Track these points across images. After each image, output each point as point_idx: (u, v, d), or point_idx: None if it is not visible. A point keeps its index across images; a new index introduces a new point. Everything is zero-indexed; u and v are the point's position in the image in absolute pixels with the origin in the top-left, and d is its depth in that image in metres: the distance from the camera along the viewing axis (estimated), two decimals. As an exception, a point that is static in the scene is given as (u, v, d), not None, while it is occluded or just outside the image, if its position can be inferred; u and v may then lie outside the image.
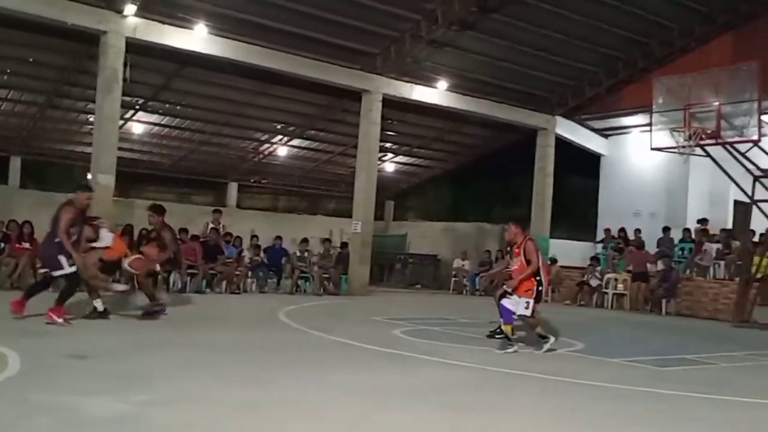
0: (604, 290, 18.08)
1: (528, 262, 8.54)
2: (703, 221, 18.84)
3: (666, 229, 18.95)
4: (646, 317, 15.79)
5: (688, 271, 17.64)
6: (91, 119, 17.14)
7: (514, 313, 8.51)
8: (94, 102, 15.35)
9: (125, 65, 14.35)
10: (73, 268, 8.33)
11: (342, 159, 24.63)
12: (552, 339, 8.64)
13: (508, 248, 9.80)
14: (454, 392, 6.01)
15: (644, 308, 17.04)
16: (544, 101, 21.01)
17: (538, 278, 8.54)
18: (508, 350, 8.39)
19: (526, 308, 8.46)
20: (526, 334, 9.14)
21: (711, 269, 17.41)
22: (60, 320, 8.25)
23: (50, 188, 21.78)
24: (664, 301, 16.83)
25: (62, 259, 8.27)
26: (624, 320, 14.78)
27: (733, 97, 14.72)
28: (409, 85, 18.39)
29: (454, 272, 21.28)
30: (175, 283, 15.08)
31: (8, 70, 17.52)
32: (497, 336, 9.33)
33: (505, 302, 8.55)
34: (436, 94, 18.97)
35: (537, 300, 8.61)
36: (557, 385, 6.64)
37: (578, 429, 4.97)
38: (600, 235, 21.53)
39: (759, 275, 15.01)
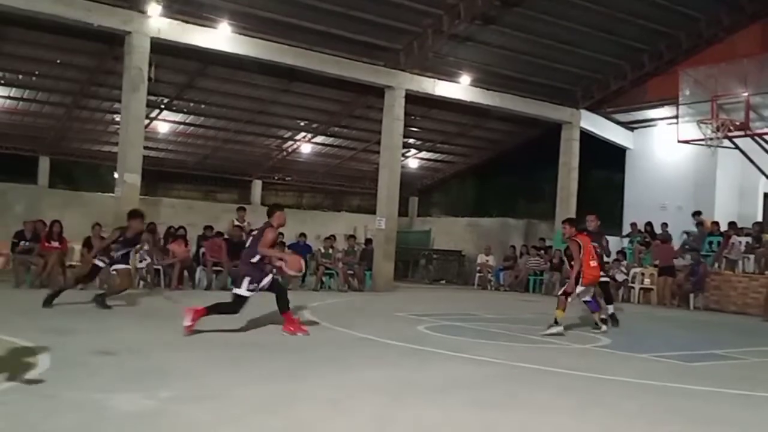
0: (630, 285, 17.91)
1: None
2: (697, 214, 18.58)
3: (699, 224, 18.72)
4: (673, 312, 15.62)
5: (716, 265, 17.41)
6: (118, 119, 17.34)
7: (595, 301, 10.03)
8: (120, 102, 15.52)
9: (150, 65, 14.49)
10: (249, 294, 8.23)
11: (365, 155, 24.67)
12: (561, 328, 9.43)
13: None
14: (480, 388, 5.98)
15: (671, 303, 16.86)
16: (569, 95, 20.84)
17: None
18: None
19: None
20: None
21: (740, 263, 17.16)
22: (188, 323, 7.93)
23: (78, 188, 22.16)
24: (691, 295, 16.63)
25: (245, 281, 8.22)
26: (651, 315, 14.63)
27: (761, 87, 14.52)
28: (431, 80, 18.34)
29: (478, 268, 21.22)
30: (201, 280, 15.23)
31: (36, 72, 17.80)
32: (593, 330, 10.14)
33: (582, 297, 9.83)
34: (459, 89, 18.90)
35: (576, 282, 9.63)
36: (584, 381, 6.58)
37: (606, 425, 4.92)
38: (626, 229, 21.31)
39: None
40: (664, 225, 18.98)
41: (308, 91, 20.00)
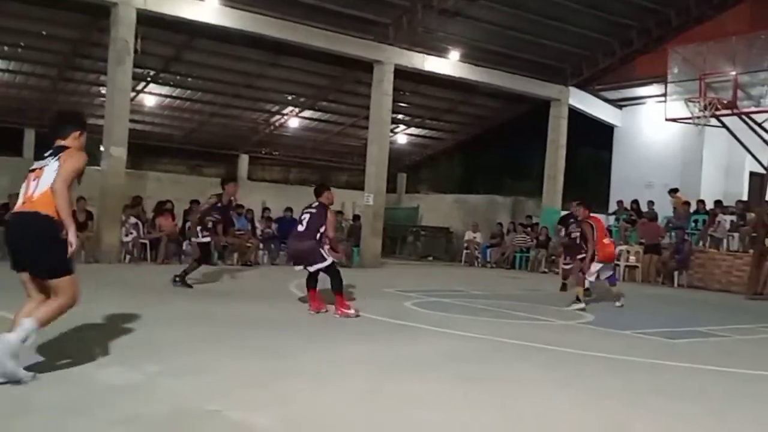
0: (616, 262, 18.02)
1: (586, 241, 10.59)
2: (673, 191, 18.76)
3: (685, 203, 18.84)
4: (658, 289, 15.76)
5: (701, 243, 17.55)
6: (103, 91, 17.17)
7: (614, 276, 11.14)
8: (105, 74, 15.36)
9: (136, 37, 14.32)
10: (331, 259, 8.48)
11: (354, 131, 24.57)
12: (582, 305, 10.16)
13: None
14: (465, 363, 6.04)
15: (656, 280, 17.00)
16: (557, 72, 20.80)
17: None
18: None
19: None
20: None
21: (725, 241, 17.31)
22: (352, 311, 8.27)
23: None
24: (676, 273, 16.78)
25: (323, 251, 8.43)
26: (636, 292, 14.72)
27: (750, 66, 14.49)
28: (421, 55, 18.25)
29: (465, 244, 21.31)
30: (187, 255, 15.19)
31: (21, 44, 17.54)
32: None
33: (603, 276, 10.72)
34: (448, 64, 18.83)
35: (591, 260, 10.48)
36: (567, 356, 6.66)
37: (588, 401, 4.99)
38: (612, 207, 21.42)
39: (773, 247, 14.94)
40: (651, 203, 19.10)
41: (296, 64, 19.84)
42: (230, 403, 4.35)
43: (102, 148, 14.77)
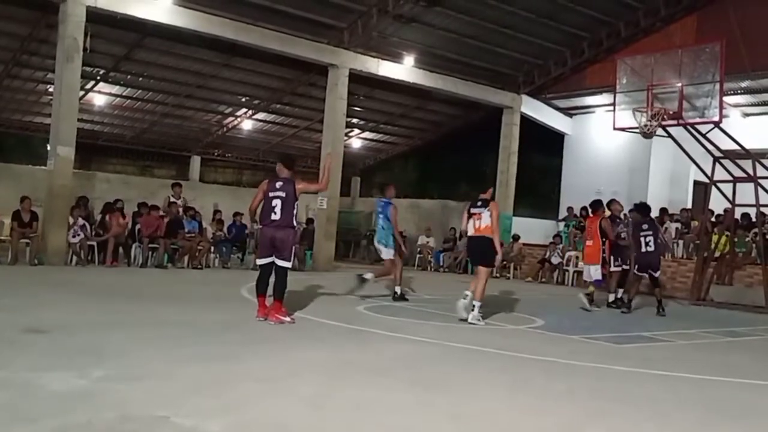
0: (565, 268, 18.34)
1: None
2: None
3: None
4: (604, 295, 16.01)
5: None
6: (51, 89, 16.78)
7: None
8: (53, 72, 15.02)
9: (86, 35, 14.04)
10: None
11: (308, 134, 24.52)
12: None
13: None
14: (416, 368, 6.06)
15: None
16: (510, 79, 21.08)
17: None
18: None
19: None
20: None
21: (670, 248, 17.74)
22: (287, 318, 7.94)
23: (8, 159, 21.39)
24: (623, 278, 17.09)
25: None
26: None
27: (695, 78, 14.85)
28: (375, 60, 18.31)
29: (419, 249, 21.41)
30: (137, 257, 14.94)
31: (-36, 38, 17.07)
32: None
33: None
34: (403, 70, 18.92)
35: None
36: (516, 360, 6.73)
37: (536, 404, 5.06)
38: (563, 213, 21.79)
39: (716, 254, 15.39)
40: (599, 210, 19.43)
41: (250, 66, 19.73)
42: (180, 409, 4.29)
43: (49, 148, 14.44)
